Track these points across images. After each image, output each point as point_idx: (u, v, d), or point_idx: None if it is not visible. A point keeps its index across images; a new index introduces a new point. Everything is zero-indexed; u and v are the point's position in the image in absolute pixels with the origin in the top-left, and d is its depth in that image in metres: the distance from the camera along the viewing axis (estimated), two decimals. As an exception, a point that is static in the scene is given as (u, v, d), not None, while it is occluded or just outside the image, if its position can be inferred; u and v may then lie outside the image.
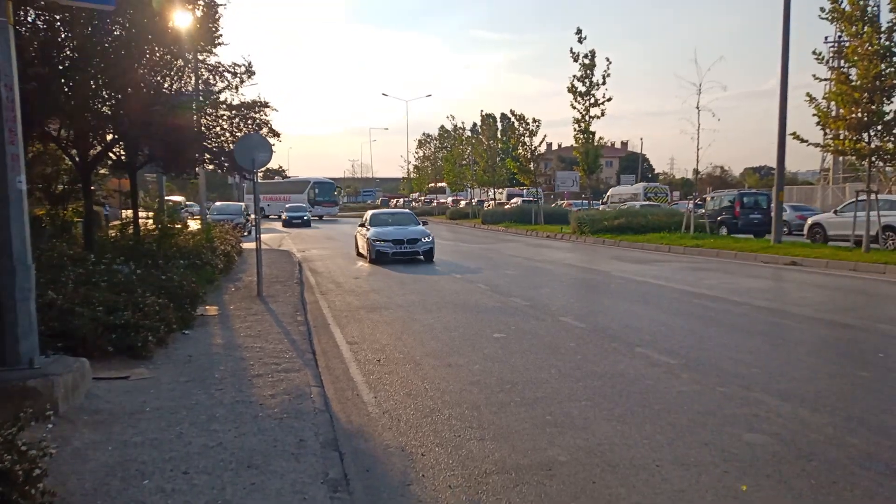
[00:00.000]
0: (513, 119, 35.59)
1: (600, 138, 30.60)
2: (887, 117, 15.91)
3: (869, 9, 15.96)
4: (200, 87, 11.56)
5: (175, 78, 11.24)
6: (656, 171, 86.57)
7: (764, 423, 5.07)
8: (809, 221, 22.15)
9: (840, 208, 21.53)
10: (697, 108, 22.27)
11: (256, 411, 5.34)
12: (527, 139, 34.85)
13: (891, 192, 33.06)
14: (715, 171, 73.07)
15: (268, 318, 9.25)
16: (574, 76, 27.85)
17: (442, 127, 60.18)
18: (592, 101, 27.83)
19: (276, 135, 11.66)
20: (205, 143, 11.42)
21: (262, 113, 11.41)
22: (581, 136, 28.63)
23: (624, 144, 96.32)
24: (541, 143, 35.87)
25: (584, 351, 7.45)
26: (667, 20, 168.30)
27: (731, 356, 7.13)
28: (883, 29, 15.65)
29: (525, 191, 50.69)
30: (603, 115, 28.00)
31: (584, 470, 4.29)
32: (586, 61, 27.59)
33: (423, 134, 67.87)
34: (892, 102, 15.89)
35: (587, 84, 27.74)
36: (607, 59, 27.76)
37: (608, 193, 40.51)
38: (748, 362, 6.84)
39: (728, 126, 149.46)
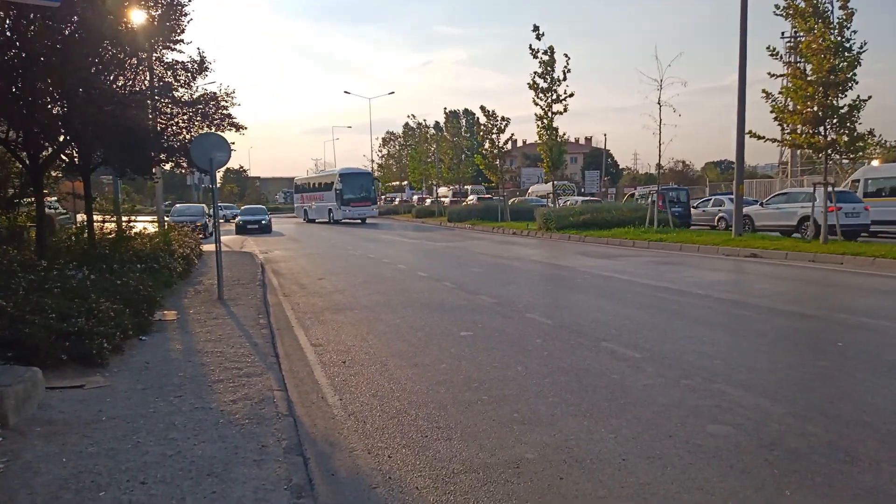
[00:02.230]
0: (481, 116, 35.60)
1: (563, 134, 30.84)
2: (841, 111, 16.30)
3: (820, 5, 16.35)
4: (156, 85, 11.26)
5: (129, 76, 10.94)
6: (620, 167, 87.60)
7: (727, 413, 5.12)
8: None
9: (766, 201, 22.89)
10: (659, 103, 22.57)
11: (217, 418, 5.21)
12: (495, 135, 34.92)
13: (846, 184, 33.96)
14: (677, 166, 74.26)
15: (229, 322, 9.06)
16: (535, 72, 27.99)
17: (406, 124, 60.07)
18: (554, 97, 28.02)
19: (239, 129, 11.40)
20: (162, 143, 11.14)
21: (221, 108, 11.14)
22: (544, 133, 28.81)
23: (588, 140, 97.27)
24: (508, 140, 36.00)
25: (550, 347, 7.45)
26: (628, 15, 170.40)
27: (694, 349, 7.20)
28: (834, 24, 16.03)
29: (470, 188, 51.43)
30: (566, 110, 28.21)
31: (551, 466, 4.27)
32: (546, 58, 27.75)
33: (387, 132, 67.76)
34: (845, 96, 16.29)
35: (548, 80, 27.91)
36: (566, 56, 27.95)
37: (529, 190, 43.23)
38: (711, 354, 6.92)
39: (690, 121, 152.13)
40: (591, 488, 3.97)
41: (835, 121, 16.42)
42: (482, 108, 35.30)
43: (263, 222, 34.92)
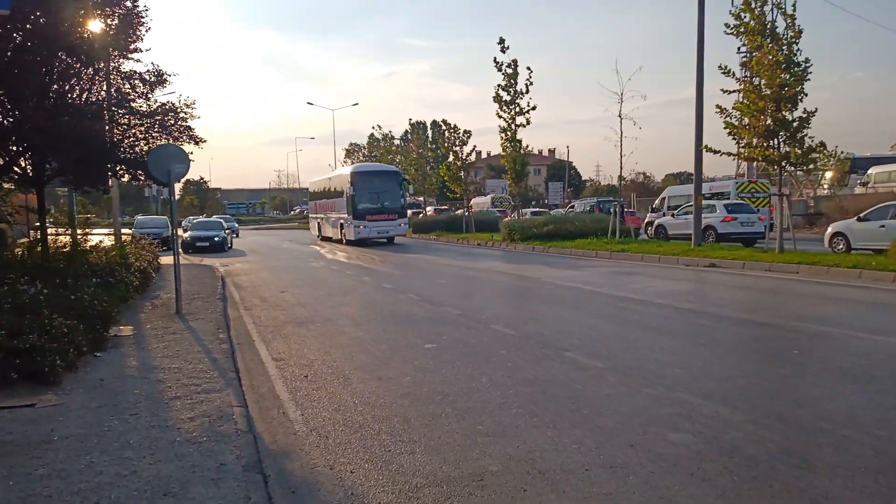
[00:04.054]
0: (444, 128, 35.83)
1: (527, 146, 31.14)
2: (793, 125, 16.76)
3: (768, 23, 16.84)
4: (113, 96, 11.02)
5: (85, 86, 10.69)
6: (583, 178, 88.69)
7: (687, 422, 5.17)
8: (655, 223, 24.94)
9: (677, 212, 24.79)
10: (620, 116, 23.01)
11: (174, 436, 5.07)
12: (457, 148, 35.12)
13: (801, 195, 35.04)
14: (638, 178, 75.52)
15: (187, 337, 8.87)
16: (499, 85, 28.24)
17: (371, 135, 59.95)
18: (517, 109, 28.28)
19: (198, 142, 11.21)
20: (118, 154, 10.89)
21: (180, 120, 10.95)
22: (508, 145, 29.04)
23: (551, 152, 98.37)
24: (471, 152, 36.21)
25: (515, 358, 7.46)
26: (589, 29, 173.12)
27: (656, 358, 7.28)
28: (783, 41, 16.52)
29: (423, 199, 51.24)
30: (528, 123, 28.48)
31: (515, 478, 4.26)
32: (509, 70, 28.03)
33: (351, 143, 67.43)
34: (796, 110, 16.76)
35: (511, 93, 28.17)
36: (529, 69, 28.27)
37: (471, 203, 43.44)
38: (672, 363, 7.00)
39: (650, 133, 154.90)
40: (554, 499, 3.96)
41: (786, 134, 16.87)
42: (444, 121, 35.52)
43: (216, 239, 28.77)
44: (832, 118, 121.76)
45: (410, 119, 62.53)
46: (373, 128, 71.60)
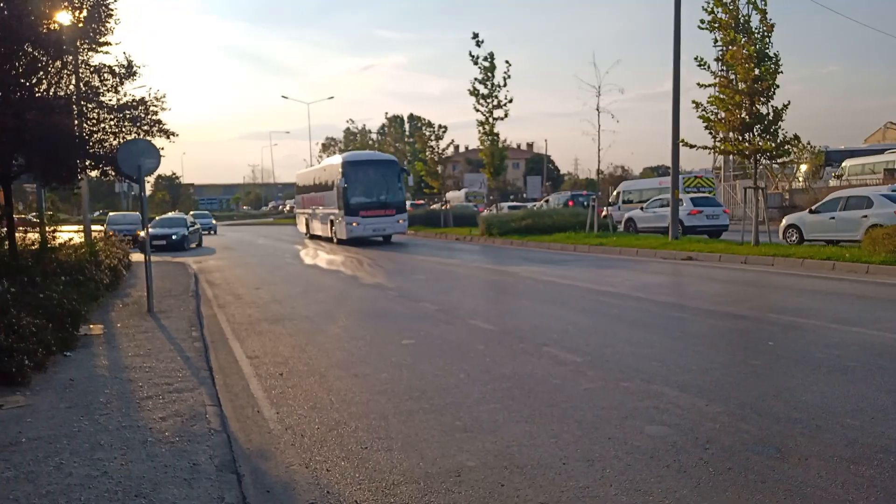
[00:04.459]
0: (420, 124, 35.75)
1: (505, 140, 31.20)
2: (767, 118, 16.94)
3: (741, 17, 16.99)
4: (82, 90, 10.77)
5: (53, 80, 10.44)
6: (562, 172, 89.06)
7: (664, 414, 5.18)
8: (626, 216, 25.48)
9: (646, 206, 25.40)
10: (597, 109, 23.09)
11: (145, 436, 4.97)
12: (433, 143, 35.05)
13: (777, 188, 35.49)
14: (616, 171, 76.00)
15: (159, 336, 8.71)
16: (475, 79, 28.21)
17: (347, 129, 59.57)
18: (495, 102, 28.28)
19: (170, 136, 11.00)
20: (88, 149, 10.65)
21: (151, 113, 10.73)
22: (486, 138, 29.05)
23: (530, 146, 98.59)
24: (447, 146, 36.15)
25: (493, 353, 7.43)
26: (566, 22, 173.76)
27: (633, 351, 7.30)
28: (756, 35, 16.68)
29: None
30: (506, 116, 28.51)
31: (492, 473, 4.23)
32: (486, 64, 28.00)
33: (327, 137, 66.88)
34: (770, 101, 16.94)
35: (489, 86, 28.16)
36: (506, 62, 28.29)
37: (446, 196, 43.58)
38: (649, 356, 7.02)
39: (629, 127, 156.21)
40: (531, 494, 3.95)
41: (761, 127, 17.05)
42: (419, 117, 35.45)
43: (174, 237, 26.69)
44: (806, 112, 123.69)
45: (387, 113, 62.09)
46: (347, 122, 71.10)
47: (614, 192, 31.94)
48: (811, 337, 7.79)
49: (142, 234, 27.03)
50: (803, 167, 39.95)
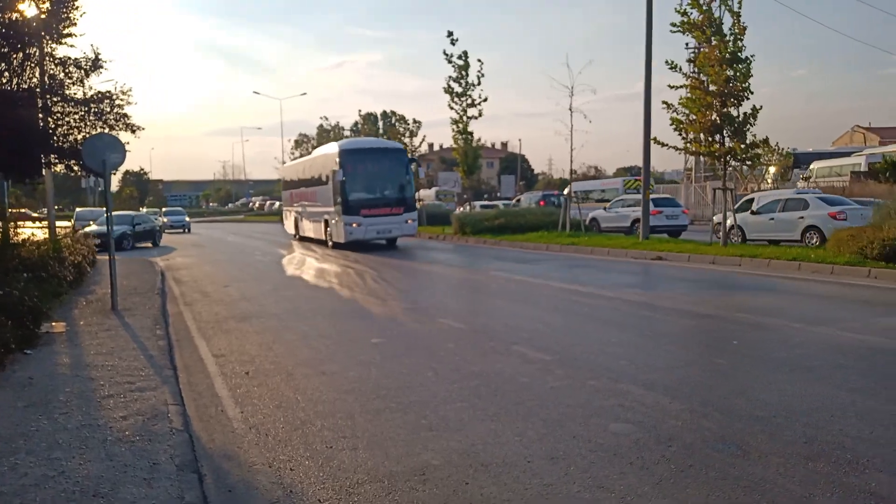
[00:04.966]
0: (393, 119, 35.65)
1: (479, 139, 31.29)
2: (737, 120, 17.18)
3: (715, 19, 17.21)
4: (46, 83, 10.55)
5: (15, 72, 10.20)
6: (536, 172, 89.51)
7: (629, 412, 5.22)
8: (589, 216, 26.06)
9: (609, 206, 26.36)
10: (570, 110, 23.19)
11: (105, 435, 4.88)
12: (406, 140, 35.00)
13: (746, 189, 36.10)
14: (590, 172, 76.65)
15: (123, 334, 8.56)
16: (450, 77, 28.22)
17: (320, 126, 59.22)
18: (469, 101, 28.31)
19: (135, 130, 10.82)
20: (52, 144, 10.43)
21: (116, 107, 10.54)
22: (460, 137, 29.08)
23: (504, 145, 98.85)
24: (421, 143, 36.13)
25: (462, 352, 7.43)
26: (539, 22, 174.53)
27: (602, 350, 7.35)
28: (728, 38, 16.90)
29: None
30: (480, 115, 28.56)
31: (457, 472, 4.23)
32: (460, 62, 28.03)
33: (300, 134, 66.31)
34: (741, 105, 17.18)
35: (463, 85, 28.19)
36: (480, 61, 28.32)
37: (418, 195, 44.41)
38: (618, 355, 7.07)
39: (602, 127, 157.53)
40: (495, 492, 3.95)
41: (731, 129, 17.29)
42: (393, 112, 35.36)
43: (124, 232, 24.98)
44: (776, 114, 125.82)
45: (360, 110, 61.77)
46: (321, 118, 70.31)
47: (564, 192, 34.20)
48: (775, 336, 7.91)
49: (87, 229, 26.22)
50: (772, 169, 40.69)
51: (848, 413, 5.10)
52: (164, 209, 44.87)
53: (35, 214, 44.36)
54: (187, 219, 42.79)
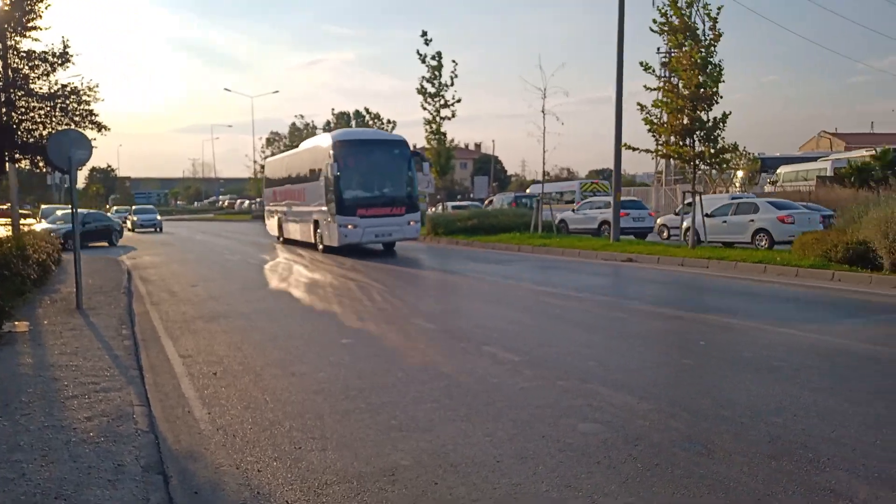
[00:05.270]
0: (367, 117, 35.49)
1: (452, 140, 31.33)
2: (708, 124, 17.46)
3: (692, 24, 17.46)
4: (10, 77, 10.30)
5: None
6: (509, 173, 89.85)
7: (597, 412, 5.27)
8: (558, 217, 26.40)
9: (576, 208, 27.11)
10: (543, 112, 23.31)
11: (68, 436, 4.78)
12: (381, 138, 34.88)
13: (715, 192, 36.69)
14: (562, 174, 77.22)
15: (87, 333, 8.40)
16: (423, 77, 28.19)
17: (293, 125, 58.72)
18: (442, 102, 28.31)
19: (101, 129, 10.63)
20: (16, 139, 10.20)
21: (83, 103, 10.34)
22: (433, 137, 29.06)
23: (478, 146, 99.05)
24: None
25: (433, 353, 7.43)
26: (513, 24, 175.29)
27: (572, 351, 7.40)
28: (703, 43, 17.16)
29: None
30: (454, 116, 28.58)
31: (426, 472, 4.23)
32: (434, 63, 28.02)
33: (272, 132, 65.68)
34: (711, 110, 17.46)
35: (436, 85, 28.17)
36: (454, 62, 28.35)
37: None
38: (587, 356, 7.13)
39: (573, 130, 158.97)
40: (464, 492, 3.95)
41: (702, 133, 17.56)
42: (367, 109, 35.19)
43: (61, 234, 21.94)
44: (745, 119, 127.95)
45: (333, 109, 61.31)
46: (295, 117, 69.59)
47: (525, 193, 36.41)
48: (741, 337, 8.05)
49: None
50: (740, 173, 41.40)
51: (811, 413, 5.20)
52: (133, 207, 43.62)
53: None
54: (159, 217, 41.13)
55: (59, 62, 10.23)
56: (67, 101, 10.23)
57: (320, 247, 20.80)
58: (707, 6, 17.10)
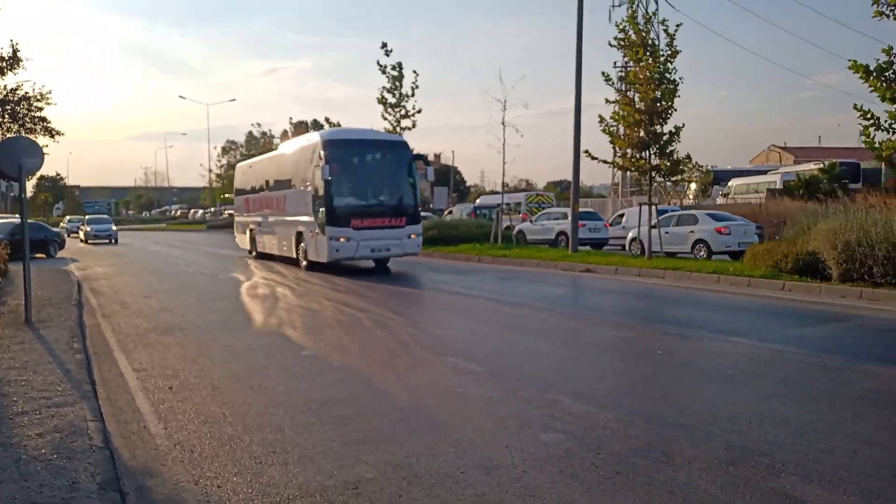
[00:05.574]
0: (327, 127, 35.26)
1: (412, 150, 31.25)
2: (663, 138, 17.88)
3: (650, 40, 17.92)
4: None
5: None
6: (468, 184, 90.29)
7: (559, 422, 5.32)
8: (517, 228, 27.30)
9: (534, 219, 27.63)
10: (503, 123, 23.55)
11: (19, 454, 4.61)
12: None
13: (669, 204, 37.51)
14: (521, 185, 77.95)
15: (37, 347, 8.13)
16: (383, 87, 28.15)
17: (249, 133, 58.09)
18: (403, 112, 28.30)
19: (54, 135, 10.35)
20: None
21: (35, 110, 10.06)
22: (394, 148, 28.94)
23: (437, 157, 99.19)
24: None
25: (395, 363, 7.40)
26: (477, 37, 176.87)
27: (533, 361, 7.46)
28: (661, 59, 17.59)
29: None
30: (414, 126, 28.55)
31: (391, 485, 4.20)
32: (394, 73, 28.01)
33: (227, 140, 64.76)
34: (666, 123, 17.90)
35: (396, 96, 28.16)
36: (415, 72, 28.39)
37: None
38: (547, 366, 7.20)
39: (533, 142, 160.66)
40: (428, 503, 3.94)
41: (657, 146, 17.97)
42: (327, 119, 34.98)
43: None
44: (700, 133, 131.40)
45: (291, 118, 60.67)
46: (252, 125, 68.49)
47: (472, 206, 37.68)
48: (696, 346, 8.23)
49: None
50: (693, 185, 42.43)
51: (765, 420, 5.34)
52: (87, 217, 41.74)
53: None
54: (114, 228, 38.93)
55: (9, 66, 9.93)
56: (17, 108, 9.94)
57: (303, 262, 18.40)
58: (665, 22, 17.60)
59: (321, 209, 16.77)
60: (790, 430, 5.09)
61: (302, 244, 18.32)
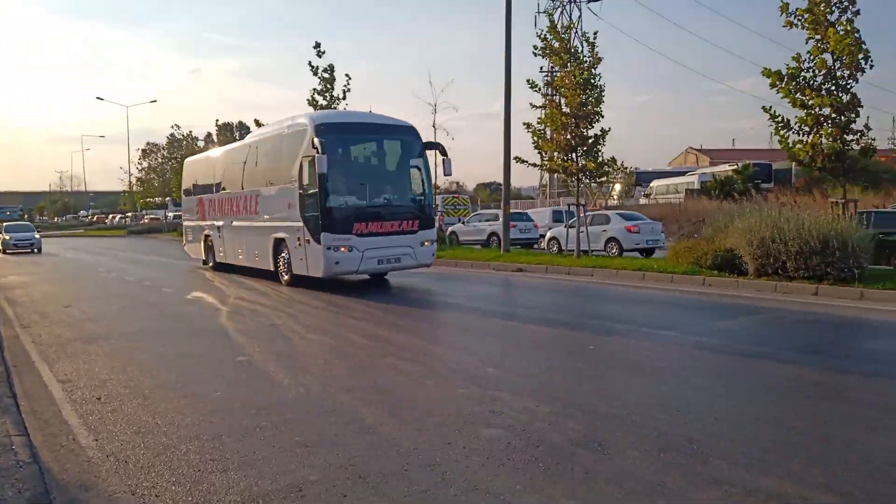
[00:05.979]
0: (254, 128, 34.50)
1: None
2: (590, 140, 18.42)
3: (572, 47, 18.46)
4: None
5: None
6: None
7: (499, 417, 5.43)
8: (449, 230, 27.86)
9: (467, 220, 28.32)
10: (434, 126, 23.72)
11: (-65, 474, 4.36)
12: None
13: (595, 205, 38.57)
14: (452, 187, 78.45)
15: (-49, 360, 7.68)
16: (315, 89, 27.83)
17: (171, 135, 56.12)
18: (334, 116, 27.99)
19: None
20: None
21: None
22: (325, 151, 28.66)
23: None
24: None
25: (335, 367, 7.36)
26: (403, 39, 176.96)
27: (470, 359, 7.57)
28: (584, 65, 18.14)
29: None
30: (346, 129, 28.30)
31: (335, 486, 4.19)
32: (326, 75, 27.73)
33: (148, 143, 62.34)
34: (592, 127, 18.45)
35: (328, 98, 27.89)
36: (347, 76, 28.19)
37: None
38: (486, 363, 7.31)
39: (463, 144, 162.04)
40: (375, 501, 3.97)
41: (584, 149, 18.50)
42: (256, 121, 34.25)
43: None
44: (621, 135, 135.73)
45: (217, 120, 58.97)
46: (172, 127, 65.98)
47: None
48: (626, 341, 8.54)
49: None
50: (617, 186, 43.86)
51: (692, 408, 5.61)
52: (5, 224, 38.51)
53: None
54: (37, 236, 35.94)
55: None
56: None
57: (285, 277, 14.94)
58: (586, 34, 18.18)
59: (313, 211, 13.42)
60: (717, 418, 5.37)
61: (283, 254, 14.88)
